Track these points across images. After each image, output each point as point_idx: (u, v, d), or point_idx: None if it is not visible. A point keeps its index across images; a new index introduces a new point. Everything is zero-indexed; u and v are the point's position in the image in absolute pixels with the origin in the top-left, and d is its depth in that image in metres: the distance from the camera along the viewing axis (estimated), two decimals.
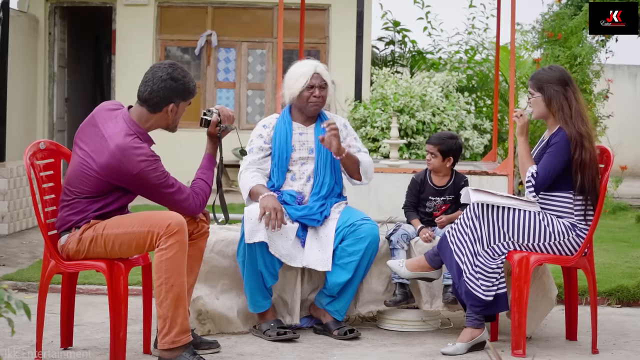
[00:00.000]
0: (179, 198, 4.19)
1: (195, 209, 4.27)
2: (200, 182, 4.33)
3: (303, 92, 4.96)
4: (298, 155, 5.00)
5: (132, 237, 4.09)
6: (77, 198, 4.13)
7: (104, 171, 4.07)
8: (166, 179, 4.13)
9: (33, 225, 8.34)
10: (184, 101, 4.23)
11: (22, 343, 4.53)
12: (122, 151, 4.04)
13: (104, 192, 4.12)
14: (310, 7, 11.97)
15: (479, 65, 13.00)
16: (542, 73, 4.63)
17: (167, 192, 4.15)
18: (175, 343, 4.08)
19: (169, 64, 4.21)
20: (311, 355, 4.49)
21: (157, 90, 4.16)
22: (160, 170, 4.11)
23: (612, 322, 5.34)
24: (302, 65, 5.01)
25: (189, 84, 4.22)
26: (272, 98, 12.56)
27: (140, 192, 4.16)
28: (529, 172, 4.52)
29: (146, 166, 4.06)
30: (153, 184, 4.10)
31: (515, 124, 4.67)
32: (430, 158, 5.04)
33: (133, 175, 4.06)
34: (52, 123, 12.87)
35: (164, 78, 4.16)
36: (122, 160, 4.04)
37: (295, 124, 5.04)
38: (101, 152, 4.07)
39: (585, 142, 4.49)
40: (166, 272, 4.06)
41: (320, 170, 4.98)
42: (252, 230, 4.68)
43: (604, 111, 10.36)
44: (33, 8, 12.59)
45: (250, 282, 4.77)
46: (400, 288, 4.86)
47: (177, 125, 4.30)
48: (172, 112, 4.21)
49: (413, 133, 9.81)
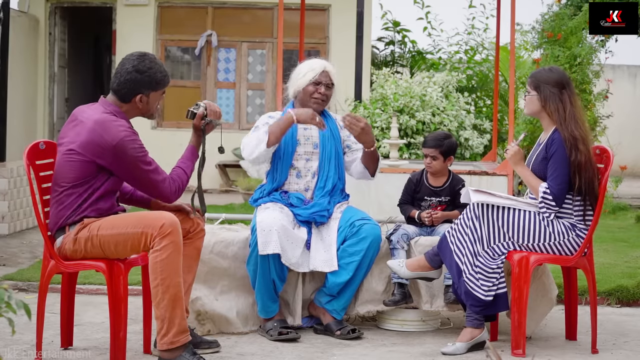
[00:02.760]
0: (155, 178, 4.18)
1: (170, 195, 4.25)
2: (178, 170, 4.33)
3: (308, 86, 4.97)
4: (303, 149, 5.00)
5: (126, 237, 4.09)
6: (65, 190, 4.13)
7: (85, 148, 4.08)
8: (144, 154, 4.14)
9: (33, 225, 8.34)
10: (154, 91, 4.25)
11: (23, 343, 4.53)
12: (101, 124, 4.08)
13: (88, 176, 4.11)
14: (310, 7, 11.98)
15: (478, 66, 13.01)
16: (542, 73, 4.65)
17: (144, 168, 4.14)
18: (174, 343, 4.09)
19: (138, 56, 4.24)
20: (311, 355, 4.49)
21: (123, 82, 4.20)
22: (138, 144, 4.12)
23: (611, 322, 5.34)
24: (312, 62, 5.04)
25: (155, 75, 4.22)
26: (272, 98, 12.56)
27: (119, 168, 4.13)
28: (541, 190, 4.50)
29: (125, 136, 4.08)
30: (132, 156, 4.09)
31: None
32: (430, 161, 5.02)
33: (112, 147, 4.06)
34: (52, 123, 12.88)
35: (129, 70, 4.20)
36: (101, 133, 4.07)
37: None
38: (80, 133, 4.11)
39: (580, 144, 4.50)
40: (162, 273, 4.06)
41: (324, 164, 4.99)
42: (265, 241, 4.68)
43: (604, 111, 10.36)
44: (33, 8, 12.60)
45: (262, 290, 4.78)
46: (399, 288, 4.86)
47: (153, 113, 4.31)
48: (143, 102, 4.24)
49: (413, 133, 9.82)
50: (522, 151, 4.66)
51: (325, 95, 5.00)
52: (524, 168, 4.63)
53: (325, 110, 5.13)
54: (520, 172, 4.64)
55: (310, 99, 5.00)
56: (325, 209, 4.91)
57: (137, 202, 4.49)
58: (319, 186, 4.97)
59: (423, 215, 5.00)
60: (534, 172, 4.60)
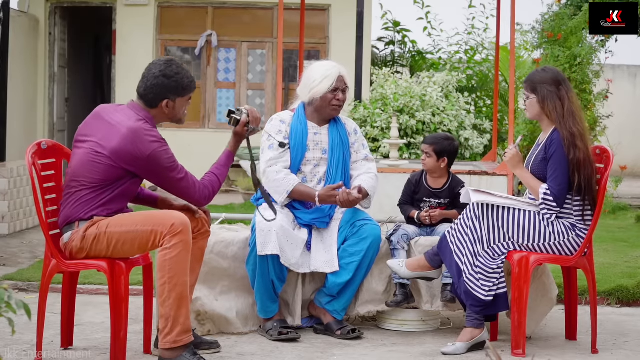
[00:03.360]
0: (186, 185, 4.21)
1: (200, 199, 4.27)
2: (212, 176, 4.34)
3: (327, 94, 4.93)
4: (312, 155, 4.97)
5: (135, 235, 4.09)
6: (85, 188, 4.12)
7: (116, 155, 4.08)
8: (175, 163, 4.17)
9: (33, 225, 8.34)
10: (180, 97, 4.25)
11: (23, 343, 4.54)
12: (135, 133, 4.07)
13: (111, 180, 4.12)
14: (310, 7, 11.97)
15: (478, 65, 13.01)
16: (536, 74, 4.65)
17: (176, 177, 4.17)
18: (176, 343, 4.09)
19: (165, 61, 4.24)
20: (311, 355, 4.49)
21: (150, 87, 4.19)
22: (170, 154, 4.15)
23: (611, 322, 5.34)
24: (326, 68, 4.97)
25: (182, 81, 4.23)
26: (272, 98, 12.56)
27: (149, 176, 4.16)
28: (541, 192, 4.50)
29: (157, 147, 4.09)
30: (163, 167, 4.12)
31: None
32: (425, 158, 5.06)
33: (145, 157, 4.08)
34: (52, 123, 12.88)
35: (156, 75, 4.19)
36: (135, 141, 4.06)
37: (310, 123, 5.00)
38: (112, 138, 4.10)
39: (578, 141, 4.50)
40: (170, 272, 4.06)
41: (332, 171, 4.97)
42: (264, 242, 4.68)
43: (604, 111, 10.36)
44: (33, 8, 12.60)
45: (261, 290, 4.78)
46: (401, 288, 4.87)
47: (181, 118, 4.31)
48: (169, 107, 4.23)
49: (413, 133, 9.82)
50: (520, 154, 4.66)
51: (343, 100, 4.99)
52: (523, 170, 4.63)
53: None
54: (520, 174, 4.64)
55: (329, 106, 4.96)
56: (327, 215, 4.90)
57: (144, 201, 4.50)
58: None
59: (422, 214, 5.00)
60: (534, 173, 4.60)
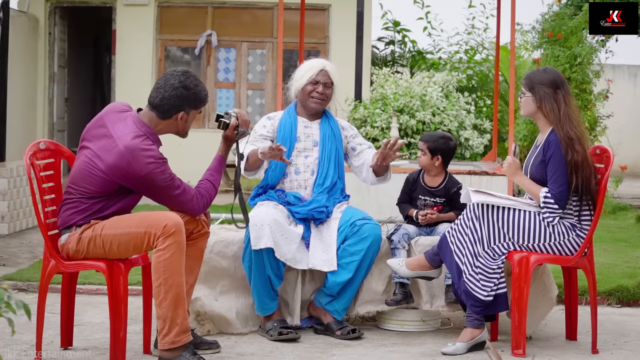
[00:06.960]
0: (183, 199, 4.20)
1: (198, 210, 4.27)
2: (206, 183, 4.33)
3: (307, 86, 4.97)
4: (303, 146, 5.00)
5: (129, 237, 4.09)
6: (82, 198, 4.13)
7: (111, 171, 4.07)
8: (172, 180, 4.14)
9: (33, 225, 8.34)
10: (195, 109, 4.24)
11: (22, 343, 4.53)
12: (131, 152, 4.04)
13: (108, 193, 4.12)
14: (310, 7, 11.97)
15: (478, 65, 13.01)
16: (536, 74, 4.65)
17: (173, 194, 4.16)
18: (175, 343, 4.09)
19: (182, 72, 4.21)
20: (311, 355, 4.49)
21: (168, 98, 4.16)
22: (167, 173, 4.11)
23: (612, 322, 5.34)
24: (312, 62, 5.05)
25: (200, 93, 4.21)
26: (272, 98, 12.56)
27: (145, 192, 4.17)
28: (542, 196, 4.49)
29: (154, 168, 4.06)
30: (159, 186, 4.11)
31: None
32: (420, 155, 5.08)
33: (140, 177, 4.06)
34: (52, 123, 12.88)
35: (175, 86, 4.16)
36: (130, 161, 4.04)
37: (300, 118, 5.07)
38: (109, 152, 4.07)
39: (576, 144, 4.49)
40: (164, 273, 4.06)
41: (324, 162, 4.99)
42: (257, 236, 4.68)
43: (604, 111, 10.36)
44: (33, 8, 12.59)
45: (258, 286, 4.77)
46: (401, 288, 4.86)
47: (187, 132, 4.28)
48: (182, 120, 4.21)
49: (413, 133, 9.81)
50: (517, 162, 4.66)
51: (324, 95, 5.00)
52: (522, 177, 4.63)
53: (326, 110, 5.13)
54: (519, 181, 4.63)
55: (309, 98, 5.00)
56: (324, 205, 4.90)
57: None
58: (317, 183, 4.97)
59: (419, 214, 5.00)
60: (533, 175, 4.59)
